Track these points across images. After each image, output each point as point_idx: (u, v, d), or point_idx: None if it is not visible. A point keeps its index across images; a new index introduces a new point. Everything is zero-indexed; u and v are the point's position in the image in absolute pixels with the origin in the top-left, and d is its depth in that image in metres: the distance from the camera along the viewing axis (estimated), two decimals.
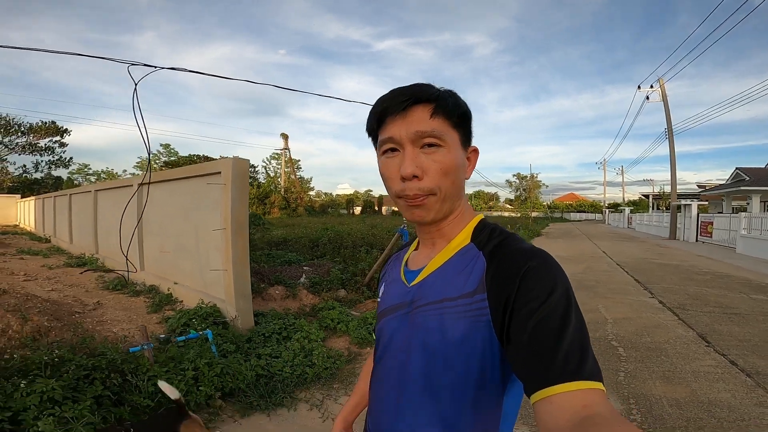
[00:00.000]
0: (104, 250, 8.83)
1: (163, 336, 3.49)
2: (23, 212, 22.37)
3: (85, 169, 46.53)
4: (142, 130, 2.70)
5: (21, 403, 2.33)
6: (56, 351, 2.89)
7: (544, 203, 75.55)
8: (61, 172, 35.19)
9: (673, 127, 21.53)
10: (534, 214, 43.63)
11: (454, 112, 0.68)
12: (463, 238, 0.73)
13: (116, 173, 47.93)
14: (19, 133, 30.31)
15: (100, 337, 3.93)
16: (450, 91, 0.71)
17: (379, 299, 0.86)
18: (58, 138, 31.98)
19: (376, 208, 58.01)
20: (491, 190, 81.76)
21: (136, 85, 2.97)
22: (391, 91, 0.70)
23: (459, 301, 0.66)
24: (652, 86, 22.27)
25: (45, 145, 31.58)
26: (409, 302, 0.74)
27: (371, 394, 0.82)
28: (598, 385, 0.52)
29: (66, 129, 31.98)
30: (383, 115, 0.69)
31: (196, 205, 5.07)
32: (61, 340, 3.61)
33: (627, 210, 40.18)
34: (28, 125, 30.56)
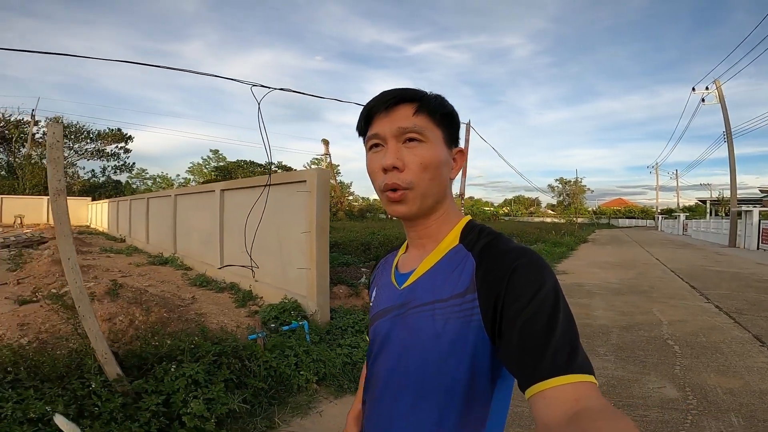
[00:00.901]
0: (182, 249, 9.83)
1: (273, 325, 4.13)
2: (95, 214, 24.53)
3: (142, 174, 49.66)
4: (266, 141, 3.31)
5: (170, 386, 2.68)
6: (195, 338, 3.36)
7: (590, 209, 73.16)
8: (121, 177, 38.07)
9: (732, 129, 20.70)
10: (579, 220, 42.48)
11: (437, 111, 0.73)
12: (452, 239, 0.75)
13: (170, 177, 50.70)
14: (88, 140, 33.29)
15: (213, 328, 4.65)
16: (437, 94, 0.75)
17: (371, 303, 0.89)
18: (122, 144, 34.85)
19: None
20: (532, 195, 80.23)
21: (259, 103, 3.64)
22: (380, 92, 0.75)
23: (450, 302, 0.68)
24: (707, 88, 21.51)
25: (111, 151, 34.55)
26: (401, 304, 0.76)
27: (366, 395, 0.84)
28: (590, 378, 0.53)
29: (130, 136, 34.84)
30: (370, 113, 0.74)
31: (280, 209, 5.77)
32: (187, 329, 4.29)
33: (682, 216, 38.44)
34: (96, 132, 33.54)
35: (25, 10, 69.84)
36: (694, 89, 22.25)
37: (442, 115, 0.73)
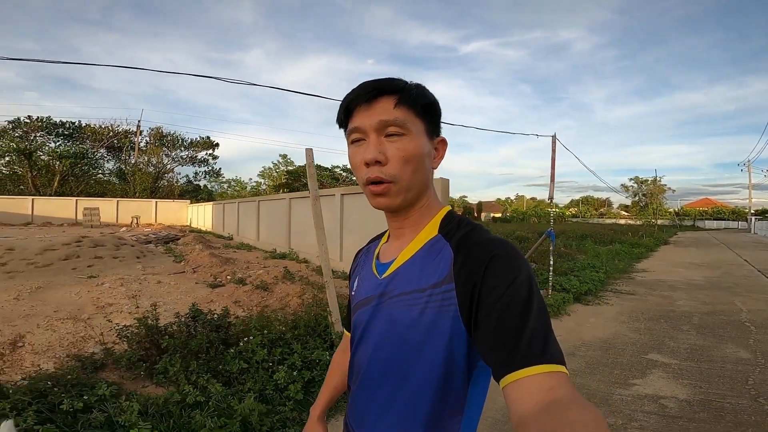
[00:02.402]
0: (296, 245, 11.68)
1: None
2: (194, 215, 27.93)
3: (219, 178, 54.22)
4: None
5: None
6: None
7: (671, 209, 68.82)
8: (200, 181, 42.20)
9: None
10: (659, 221, 40.58)
11: (418, 102, 0.74)
12: (431, 229, 0.77)
13: (243, 181, 54.71)
14: (182, 148, 37.72)
15: None
16: (418, 84, 0.77)
17: (352, 293, 0.91)
18: (210, 151, 39.09)
19: (475, 215, 58.16)
20: (601, 195, 76.73)
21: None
22: (360, 84, 0.76)
23: (428, 291, 0.71)
24: None
25: (202, 157, 38.91)
26: (381, 294, 0.78)
27: (349, 383, 0.88)
28: (561, 368, 0.57)
29: (217, 143, 38.96)
30: (350, 106, 0.75)
31: None
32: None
33: None
34: (189, 140, 37.95)
35: (109, 24, 79.75)
36: None
37: (423, 106, 0.75)
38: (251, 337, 3.63)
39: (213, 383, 3.02)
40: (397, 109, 0.72)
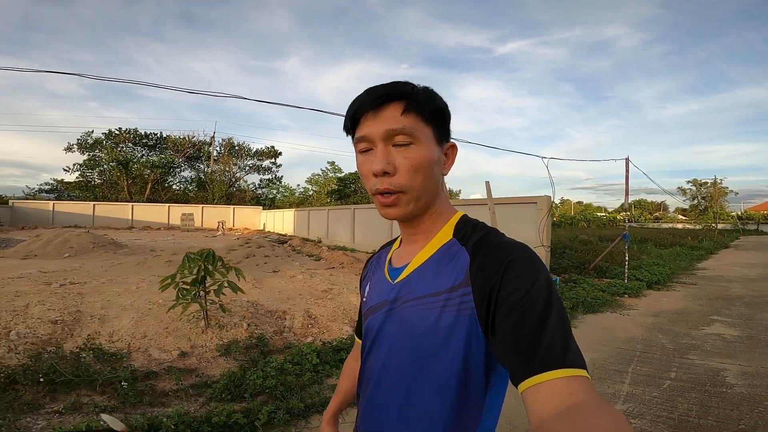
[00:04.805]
0: None
1: None
2: (269, 219, 31.30)
3: (270, 185, 58.13)
4: (552, 183, 6.90)
5: None
6: None
7: (733, 213, 67.26)
8: (264, 188, 45.72)
9: None
10: (720, 225, 40.61)
11: (426, 108, 0.75)
12: (445, 233, 0.80)
13: (292, 187, 58.32)
14: (248, 157, 41.73)
15: None
16: (426, 87, 0.78)
17: (363, 299, 0.94)
18: (273, 159, 42.93)
19: None
20: (654, 197, 75.46)
21: (547, 166, 7.43)
22: (366, 89, 0.76)
23: (444, 296, 0.72)
24: None
25: (266, 166, 42.87)
26: (395, 299, 0.80)
27: (360, 390, 0.90)
28: (582, 372, 0.57)
29: (280, 152, 42.82)
30: (357, 114, 0.76)
31: (514, 218, 9.63)
32: None
33: None
34: (254, 150, 41.93)
35: (158, 36, 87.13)
36: None
37: (431, 112, 0.76)
38: None
39: None
40: (404, 116, 0.73)
